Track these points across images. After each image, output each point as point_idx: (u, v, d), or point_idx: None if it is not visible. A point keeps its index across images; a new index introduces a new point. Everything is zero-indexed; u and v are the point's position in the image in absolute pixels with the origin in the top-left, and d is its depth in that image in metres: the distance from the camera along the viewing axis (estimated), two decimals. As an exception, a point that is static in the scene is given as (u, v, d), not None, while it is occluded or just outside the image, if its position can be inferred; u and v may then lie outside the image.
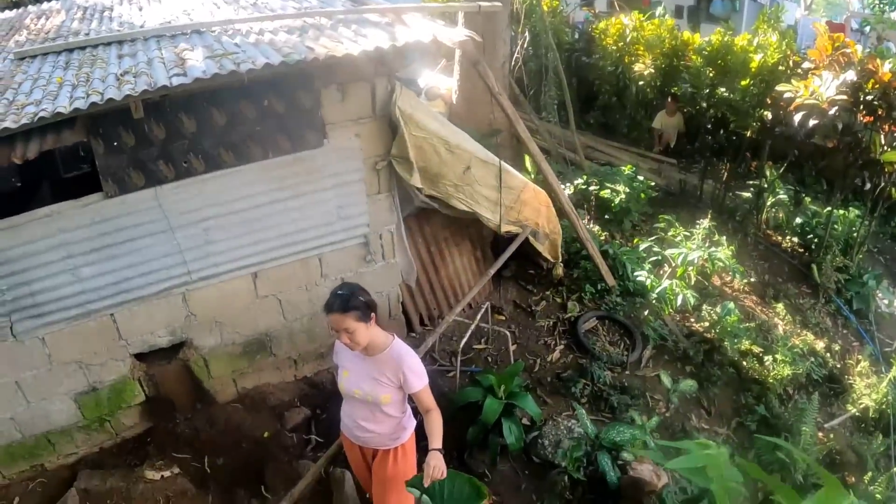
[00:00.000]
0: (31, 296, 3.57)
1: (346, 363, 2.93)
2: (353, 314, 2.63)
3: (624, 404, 4.53)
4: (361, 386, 2.84)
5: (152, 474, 3.87)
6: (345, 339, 2.68)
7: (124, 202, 3.58)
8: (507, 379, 3.88)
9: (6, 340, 3.62)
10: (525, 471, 4.02)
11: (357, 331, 2.66)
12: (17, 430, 3.95)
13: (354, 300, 2.67)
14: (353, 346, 2.71)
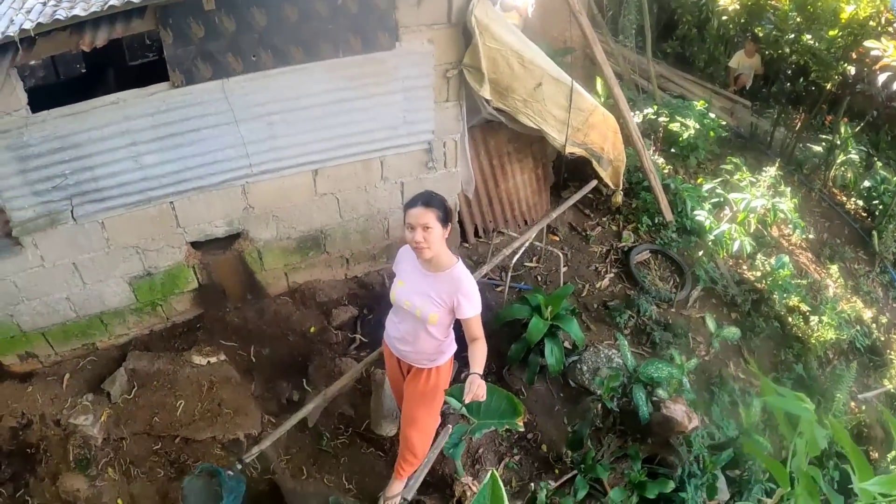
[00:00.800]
0: (94, 181, 3.65)
1: (404, 275, 2.95)
2: (436, 212, 2.66)
3: (665, 341, 4.53)
4: (413, 299, 2.87)
5: (199, 359, 4.07)
6: (419, 235, 2.66)
7: (190, 93, 3.58)
8: (556, 300, 3.89)
9: (66, 223, 3.73)
10: (560, 393, 4.10)
11: (434, 230, 2.67)
12: (72, 310, 4.16)
13: (439, 200, 2.72)
14: (424, 247, 2.69)
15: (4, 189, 3.48)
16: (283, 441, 3.71)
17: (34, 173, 3.49)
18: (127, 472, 3.87)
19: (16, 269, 3.85)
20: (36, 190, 3.55)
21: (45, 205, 3.63)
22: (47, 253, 3.85)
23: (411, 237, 2.72)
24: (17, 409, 4.17)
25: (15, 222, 3.61)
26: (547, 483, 3.76)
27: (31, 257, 3.81)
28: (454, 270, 2.81)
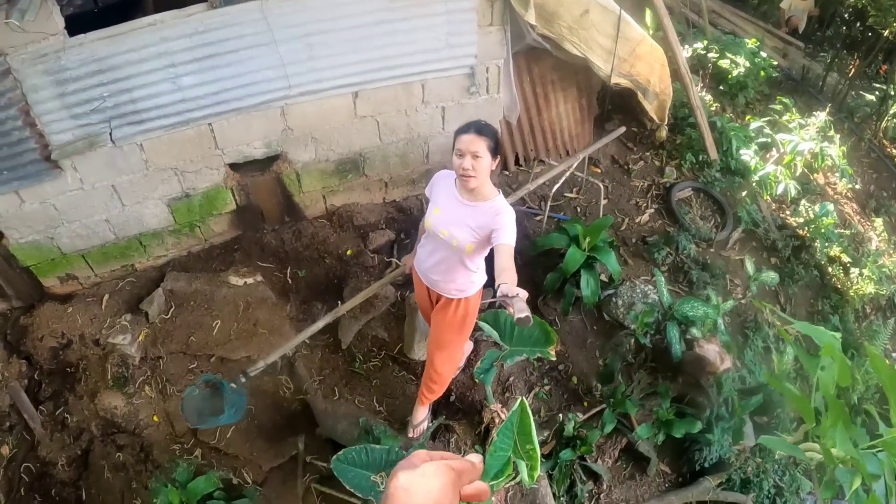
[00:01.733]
0: (132, 103, 3.63)
1: (441, 201, 2.87)
2: (487, 141, 2.61)
3: (703, 281, 4.45)
4: (450, 228, 2.79)
5: (236, 280, 4.11)
6: (468, 162, 2.61)
7: (228, 13, 3.50)
8: (594, 232, 3.81)
9: (105, 146, 3.74)
10: (594, 326, 4.07)
11: (483, 160, 2.62)
12: (111, 232, 4.21)
13: (492, 130, 2.66)
14: (471, 175, 2.63)
15: (43, 113, 3.48)
16: (316, 362, 3.76)
17: (72, 97, 3.48)
18: (163, 390, 3.97)
19: (56, 193, 3.90)
20: (74, 113, 3.55)
21: (83, 128, 3.63)
22: (86, 176, 3.88)
23: (459, 163, 2.66)
24: (58, 330, 4.28)
25: (54, 146, 3.63)
26: (575, 415, 3.78)
27: (70, 180, 3.85)
28: (495, 202, 2.74)
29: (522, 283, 3.21)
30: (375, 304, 3.93)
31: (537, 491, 3.57)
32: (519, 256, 4.23)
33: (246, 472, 3.69)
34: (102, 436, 4.05)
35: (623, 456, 3.97)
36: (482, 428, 3.57)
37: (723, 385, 3.87)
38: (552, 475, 3.69)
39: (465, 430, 3.57)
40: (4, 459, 4.36)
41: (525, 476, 2.82)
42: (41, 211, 3.96)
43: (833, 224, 5.15)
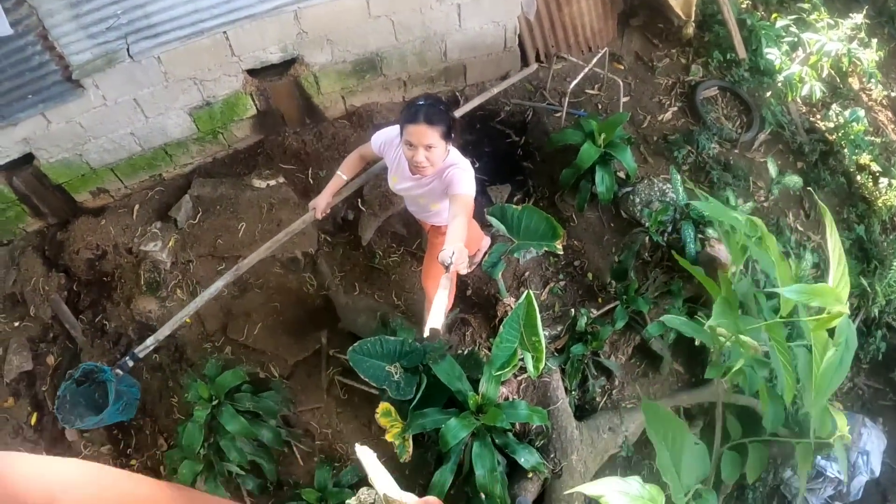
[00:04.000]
0: (146, 17, 3.66)
1: (394, 167, 2.75)
2: (440, 129, 2.39)
3: (723, 182, 4.40)
4: (412, 196, 2.72)
5: (259, 183, 4.21)
6: (421, 156, 2.40)
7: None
8: (609, 127, 3.78)
9: (123, 62, 3.79)
10: (611, 224, 4.08)
11: (437, 148, 2.43)
12: (136, 144, 4.31)
13: (443, 114, 2.43)
14: (425, 167, 2.45)
15: (61, 36, 3.54)
16: (337, 259, 3.87)
17: (87, 17, 3.53)
18: (194, 292, 4.15)
19: (80, 111, 4.00)
20: (91, 33, 3.61)
21: (100, 46, 3.69)
22: (108, 92, 3.96)
23: (411, 156, 2.46)
24: (93, 242, 4.46)
25: (74, 66, 3.71)
26: (588, 310, 3.83)
27: (93, 98, 3.94)
28: (444, 167, 2.55)
29: (539, 179, 3.24)
30: (395, 201, 4.00)
31: (549, 384, 3.68)
32: (537, 153, 4.26)
33: (273, 367, 3.88)
34: (139, 339, 4.26)
35: (636, 354, 4.04)
36: (497, 321, 3.66)
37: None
38: (564, 369, 3.79)
39: (480, 324, 3.68)
40: (50, 368, 4.63)
41: (531, 368, 2.94)
42: (68, 130, 4.08)
43: (864, 131, 4.98)
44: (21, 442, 4.58)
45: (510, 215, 3.27)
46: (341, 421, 3.78)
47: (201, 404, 3.41)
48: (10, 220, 4.66)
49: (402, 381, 3.28)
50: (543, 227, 3.21)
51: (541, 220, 3.21)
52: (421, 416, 3.16)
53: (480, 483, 3.10)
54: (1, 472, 0.54)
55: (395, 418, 3.19)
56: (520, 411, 3.22)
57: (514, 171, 4.29)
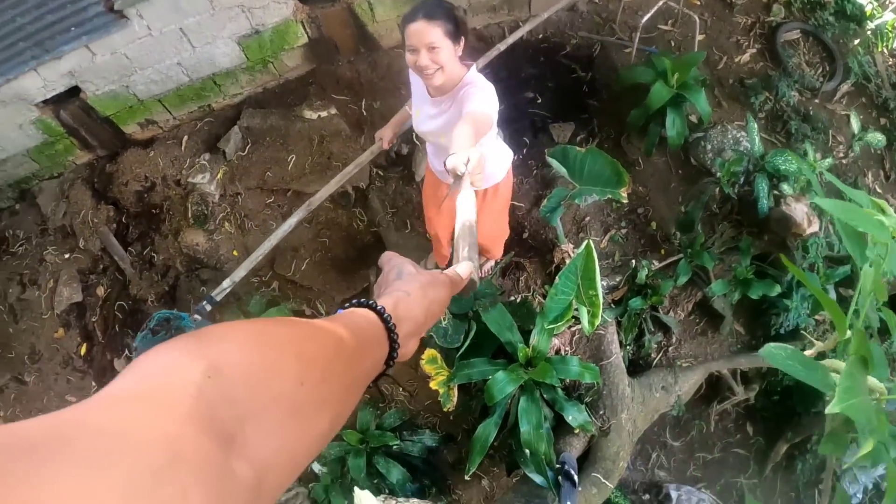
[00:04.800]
0: None
1: (416, 99, 2.48)
2: (442, 26, 2.11)
3: (802, 133, 4.08)
4: (434, 130, 2.42)
5: (310, 114, 4.07)
6: (424, 59, 2.13)
7: None
8: (683, 67, 3.51)
9: None
10: (679, 171, 3.83)
11: (442, 49, 2.12)
12: (184, 74, 4.20)
13: (445, 9, 2.15)
14: (432, 73, 2.17)
15: None
16: (389, 195, 3.74)
17: None
18: (241, 225, 4.10)
19: (125, 42, 3.91)
20: None
21: (142, -27, 3.55)
22: (153, 21, 3.85)
23: (413, 61, 2.18)
24: (141, 174, 4.44)
25: None
26: (650, 262, 3.64)
27: (137, 28, 3.84)
28: (462, 83, 2.26)
29: (603, 119, 3.00)
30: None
31: (603, 337, 3.53)
32: (604, 90, 4.02)
33: (319, 304, 3.82)
34: (187, 272, 4.27)
35: (696, 311, 3.85)
36: (553, 268, 3.50)
37: (809, 249, 3.62)
38: (620, 322, 3.63)
39: (535, 269, 3.52)
40: (100, 300, 4.69)
41: (586, 323, 2.76)
42: (113, 62, 4.00)
43: (957, 91, 4.58)
44: (70, 372, 4.68)
45: (572, 158, 3.06)
46: (387, 363, 3.70)
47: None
48: (58, 153, 4.68)
49: (449, 327, 3.16)
50: (608, 173, 3.01)
51: (605, 164, 3.00)
52: (467, 367, 3.03)
53: (525, 439, 2.99)
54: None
55: (441, 366, 3.07)
56: (571, 367, 3.08)
57: (578, 108, 4.05)
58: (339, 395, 0.57)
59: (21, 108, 4.19)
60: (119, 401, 0.40)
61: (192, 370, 0.44)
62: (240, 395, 0.45)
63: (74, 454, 0.33)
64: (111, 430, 0.36)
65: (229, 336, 0.50)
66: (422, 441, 3.51)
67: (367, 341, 0.63)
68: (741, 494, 4.27)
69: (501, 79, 3.77)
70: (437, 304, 0.76)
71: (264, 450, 0.45)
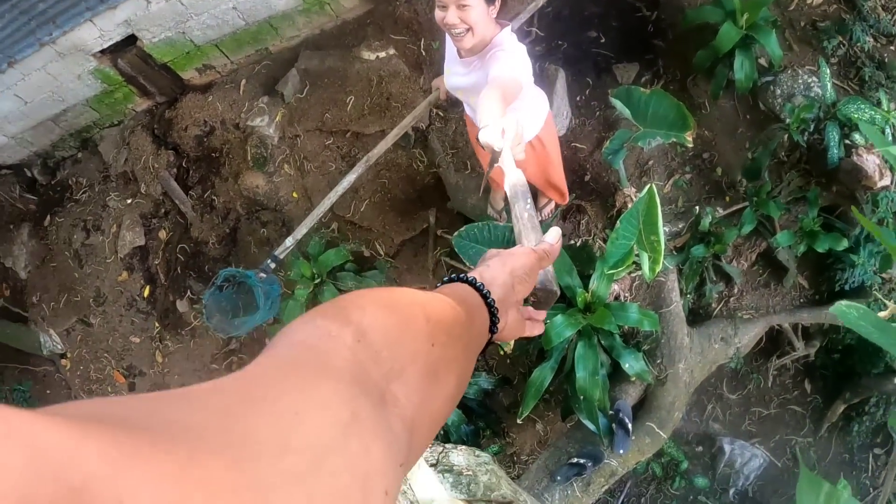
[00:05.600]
0: None
1: (448, 59, 2.34)
2: None
3: (876, 81, 3.88)
4: (465, 91, 2.32)
5: (368, 55, 4.05)
6: (453, 16, 1.97)
7: None
8: (753, 7, 3.36)
9: None
10: (747, 115, 3.71)
11: (472, 7, 1.95)
12: (240, 18, 4.21)
13: None
14: (461, 31, 2.02)
15: None
16: (450, 136, 3.72)
17: None
18: (301, 167, 4.14)
19: (180, -14, 3.93)
20: None
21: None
22: (208, -35, 3.87)
23: (441, 18, 2.02)
24: (200, 119, 4.51)
25: None
26: (714, 209, 3.56)
27: (192, -28, 3.86)
28: (492, 44, 2.09)
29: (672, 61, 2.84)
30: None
31: (664, 284, 3.49)
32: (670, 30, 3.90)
33: (378, 245, 3.86)
34: (247, 214, 4.36)
35: (760, 261, 3.78)
36: (615, 212, 3.45)
37: (879, 204, 3.50)
38: (682, 270, 3.58)
39: (596, 213, 3.48)
40: (162, 243, 4.83)
41: (646, 269, 2.71)
42: (168, 8, 4.04)
43: None
44: (134, 313, 4.85)
45: (636, 99, 2.99)
46: (447, 306, 3.72)
47: (303, 283, 3.42)
48: (118, 101, 4.78)
49: (510, 269, 3.15)
50: (673, 115, 2.93)
51: (671, 106, 2.92)
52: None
53: (580, 385, 2.99)
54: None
55: (498, 308, 3.07)
56: (630, 314, 3.05)
57: (643, 48, 3.92)
58: (461, 358, 0.59)
59: (79, 58, 4.29)
60: (285, 367, 0.41)
61: (344, 335, 0.46)
62: (385, 356, 0.47)
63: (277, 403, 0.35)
64: (292, 390, 0.37)
65: (365, 301, 0.52)
66: (478, 383, 3.54)
67: (472, 309, 0.65)
68: (794, 452, 4.22)
69: (563, 17, 3.70)
70: (522, 269, 0.76)
71: (410, 407, 0.47)
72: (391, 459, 0.41)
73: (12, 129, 4.83)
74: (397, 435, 0.44)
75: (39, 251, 5.07)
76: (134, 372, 4.78)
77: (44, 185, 5.26)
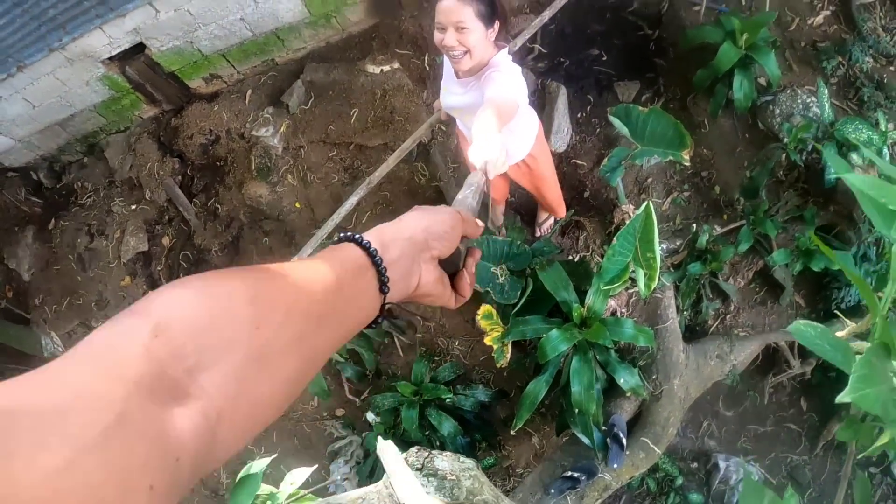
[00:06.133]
0: None
1: (445, 77, 2.37)
2: (475, 5, 1.97)
3: (875, 101, 3.92)
4: (460, 113, 2.39)
5: (373, 68, 4.09)
6: (451, 38, 2.01)
7: None
8: (753, 27, 3.41)
9: None
10: (746, 134, 3.74)
11: (471, 31, 1.99)
12: (247, 30, 4.26)
13: None
14: (458, 55, 2.05)
15: None
16: (451, 150, 3.76)
17: None
18: (304, 178, 4.18)
19: (188, -2, 3.98)
20: None
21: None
22: (216, -23, 3.91)
23: (440, 40, 2.05)
24: (206, 127, 4.55)
25: None
26: (712, 227, 3.59)
27: (200, -18, 3.90)
28: (489, 66, 2.12)
29: (672, 79, 2.93)
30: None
31: (660, 301, 3.50)
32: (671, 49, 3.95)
33: (379, 257, 3.86)
34: (250, 223, 4.39)
35: (757, 279, 3.79)
36: (613, 228, 3.48)
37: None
38: (678, 287, 3.60)
39: (595, 229, 3.51)
40: (165, 249, 4.86)
41: (641, 285, 2.75)
42: (177, 18, 4.08)
43: None
44: (135, 318, 4.86)
45: (635, 117, 3.04)
46: (445, 316, 3.76)
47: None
48: (125, 107, 4.83)
49: (507, 284, 3.19)
50: (671, 134, 2.97)
51: (668, 125, 2.97)
52: (522, 323, 3.05)
53: (575, 399, 3.00)
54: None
55: (496, 322, 3.10)
56: (625, 330, 3.06)
57: (644, 67, 3.97)
58: (312, 334, 0.57)
59: (88, 65, 4.34)
60: (71, 367, 0.42)
61: (140, 331, 0.46)
62: (189, 349, 0.47)
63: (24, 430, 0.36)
64: (64, 390, 0.39)
65: (177, 291, 0.51)
66: (475, 396, 3.56)
67: (348, 273, 0.63)
68: (790, 470, 4.22)
69: (566, 35, 3.74)
70: (441, 225, 0.73)
71: (219, 397, 0.47)
72: (161, 457, 0.41)
73: (20, 133, 4.88)
74: (184, 430, 0.44)
75: (43, 254, 5.10)
76: (133, 377, 4.80)
77: (49, 188, 5.31)
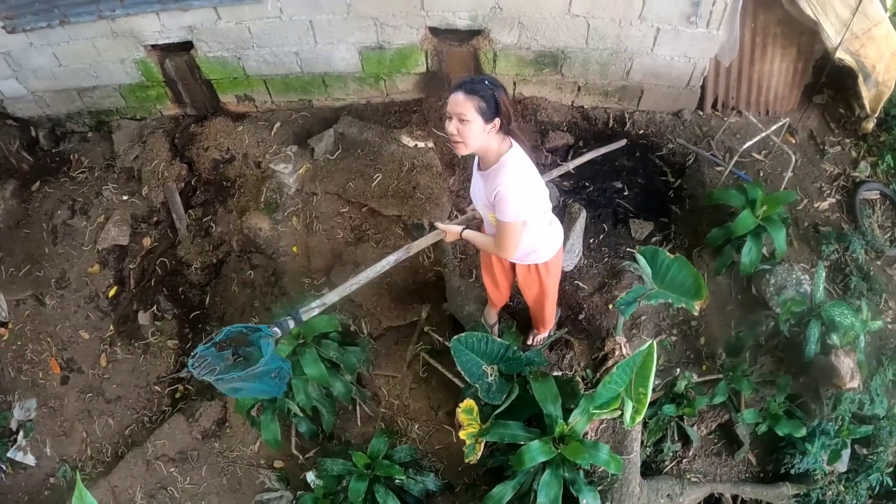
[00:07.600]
0: None
1: (474, 167, 2.61)
2: (477, 102, 2.22)
3: (859, 291, 4.16)
4: (476, 200, 2.62)
5: (407, 140, 4.15)
6: (452, 127, 2.27)
7: None
8: (773, 202, 3.61)
9: None
10: (738, 295, 3.91)
11: (471, 125, 2.24)
12: (297, 65, 4.32)
13: (486, 90, 2.24)
14: (457, 141, 2.30)
15: None
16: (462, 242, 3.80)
17: None
18: (309, 225, 4.15)
19: (253, 17, 4.05)
20: None
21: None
22: (287, 6, 3.98)
23: (445, 126, 2.34)
24: (224, 144, 4.52)
25: None
26: (691, 375, 3.70)
27: (270, 8, 3.97)
28: (500, 163, 2.38)
29: (684, 228, 3.02)
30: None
31: (629, 433, 3.56)
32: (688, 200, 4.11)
33: (364, 323, 3.84)
34: (240, 252, 4.31)
35: (717, 431, 3.89)
36: (601, 355, 3.55)
37: (840, 403, 3.69)
38: (647, 423, 3.68)
39: (582, 351, 3.57)
40: (144, 249, 4.71)
41: (627, 417, 2.82)
42: (235, 30, 4.13)
43: None
44: (93, 308, 4.63)
45: (660, 261, 3.19)
46: (412, 397, 3.74)
47: (288, 340, 3.38)
48: (149, 98, 4.76)
49: (495, 384, 3.23)
50: (689, 283, 3.14)
51: (689, 275, 3.14)
52: (503, 427, 3.09)
53: (540, 511, 3.01)
54: None
55: (475, 418, 3.12)
56: (601, 455, 3.10)
57: (660, 210, 4.15)
58: None
59: (130, 44, 4.30)
60: None
61: None
62: None
63: None
64: None
65: None
66: (424, 483, 3.52)
67: None
68: None
69: (595, 162, 3.87)
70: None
71: None
72: None
73: (35, 85, 4.75)
74: None
75: (17, 213, 4.87)
76: (72, 366, 4.49)
77: (44, 150, 5.13)
